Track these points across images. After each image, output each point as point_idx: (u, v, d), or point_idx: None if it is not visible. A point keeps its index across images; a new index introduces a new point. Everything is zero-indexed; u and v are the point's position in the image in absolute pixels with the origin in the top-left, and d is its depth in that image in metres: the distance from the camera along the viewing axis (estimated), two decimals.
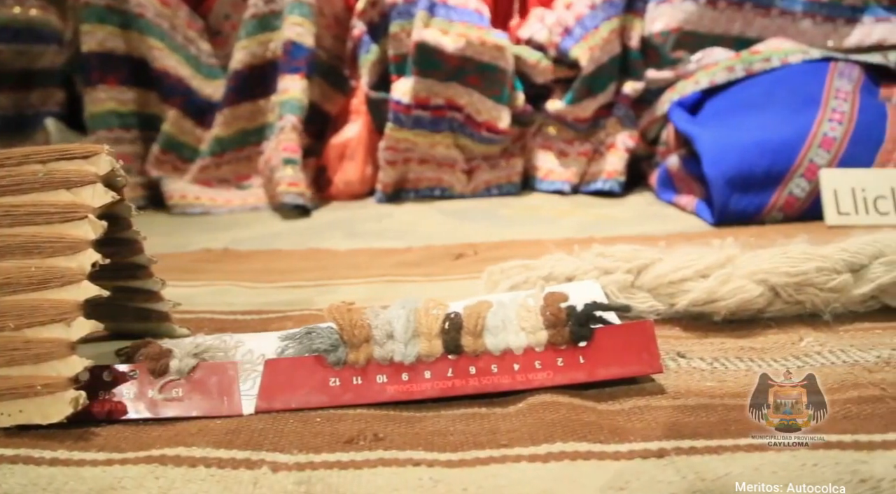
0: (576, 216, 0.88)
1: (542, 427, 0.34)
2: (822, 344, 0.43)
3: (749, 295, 0.46)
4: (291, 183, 0.91)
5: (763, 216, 0.76)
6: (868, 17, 0.99)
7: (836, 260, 0.47)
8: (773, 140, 0.77)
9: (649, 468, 0.31)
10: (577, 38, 0.96)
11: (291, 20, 0.96)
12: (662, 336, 0.46)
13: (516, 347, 0.39)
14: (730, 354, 0.43)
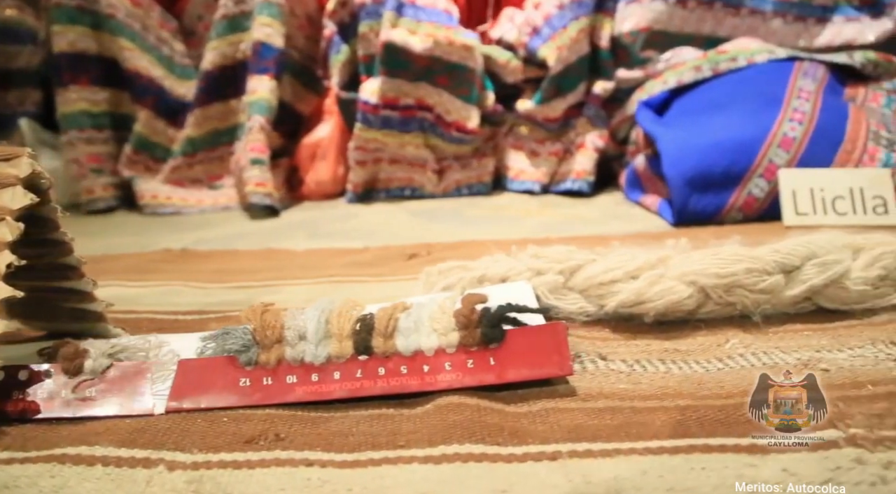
0: (542, 216, 0.87)
1: (443, 429, 0.34)
2: (746, 346, 0.43)
3: (677, 296, 0.46)
4: (259, 183, 0.91)
5: (723, 216, 0.76)
6: (838, 16, 0.99)
7: (768, 262, 0.47)
8: (732, 140, 0.76)
9: (538, 470, 0.31)
10: (546, 38, 0.96)
11: (261, 21, 0.96)
12: (590, 337, 0.46)
13: (427, 349, 0.39)
14: (653, 356, 0.43)
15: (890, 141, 0.77)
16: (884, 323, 0.47)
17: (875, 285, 0.48)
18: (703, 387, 0.38)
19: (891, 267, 0.49)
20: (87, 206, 1.00)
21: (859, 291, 0.47)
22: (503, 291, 0.48)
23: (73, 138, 0.98)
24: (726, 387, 0.38)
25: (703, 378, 0.39)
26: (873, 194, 0.74)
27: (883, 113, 0.84)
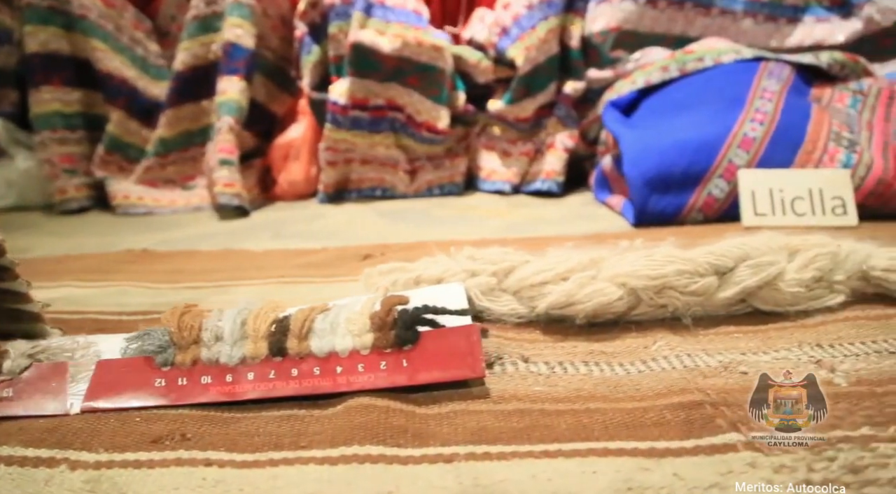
0: (508, 217, 0.87)
1: (348, 430, 0.34)
2: (672, 348, 0.43)
3: (607, 298, 0.45)
4: (227, 183, 0.91)
5: (683, 217, 0.75)
6: (809, 17, 0.98)
7: (700, 264, 0.47)
8: (693, 140, 0.76)
9: (430, 472, 0.31)
10: (514, 38, 0.96)
11: (231, 22, 0.96)
12: (518, 339, 0.46)
13: (341, 350, 0.39)
14: (577, 358, 0.43)
15: (851, 142, 0.77)
16: (816, 324, 0.46)
17: (809, 287, 0.48)
18: (618, 390, 0.38)
19: (825, 268, 0.49)
20: (60, 207, 1.00)
21: (793, 293, 0.47)
22: (435, 293, 0.48)
23: (45, 139, 0.98)
24: (642, 390, 0.38)
25: (622, 380, 0.39)
26: (832, 195, 0.73)
27: (848, 113, 0.83)
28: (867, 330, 0.45)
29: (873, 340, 0.43)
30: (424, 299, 0.47)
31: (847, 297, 0.49)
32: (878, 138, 0.79)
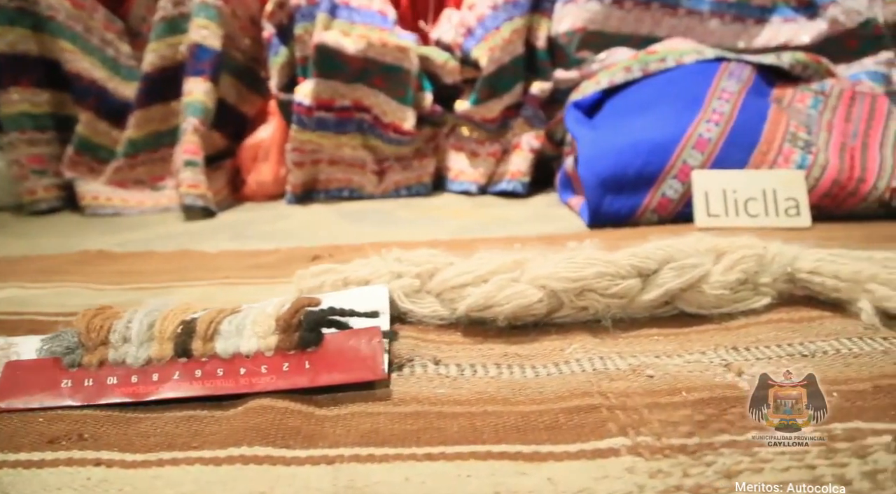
0: (468, 217, 0.87)
1: (242, 431, 0.34)
2: (586, 351, 0.43)
3: (526, 300, 0.45)
4: (191, 185, 0.92)
5: (637, 217, 0.75)
6: (776, 17, 0.98)
7: (623, 266, 0.47)
8: (648, 141, 0.76)
9: (310, 474, 0.31)
10: (479, 39, 0.96)
11: (197, 23, 0.97)
12: (437, 341, 0.46)
13: (246, 351, 0.39)
14: (490, 360, 0.43)
15: (807, 143, 0.76)
16: (738, 327, 0.46)
17: (734, 289, 0.48)
18: (521, 393, 0.38)
19: (750, 270, 0.48)
20: (29, 207, 1.01)
21: (716, 295, 0.47)
22: (359, 294, 0.49)
23: (14, 140, 0.99)
24: (545, 393, 0.38)
25: (528, 383, 0.39)
26: (786, 196, 0.73)
27: (808, 114, 0.83)
28: (787, 333, 0.45)
29: (789, 343, 0.43)
30: (347, 301, 0.48)
31: (773, 299, 0.49)
32: (837, 139, 0.79)
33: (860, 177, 0.74)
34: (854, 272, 0.46)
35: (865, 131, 0.81)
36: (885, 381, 0.37)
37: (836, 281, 0.47)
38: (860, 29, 0.95)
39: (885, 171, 0.75)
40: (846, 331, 0.44)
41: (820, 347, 0.42)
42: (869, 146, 0.79)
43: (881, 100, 0.85)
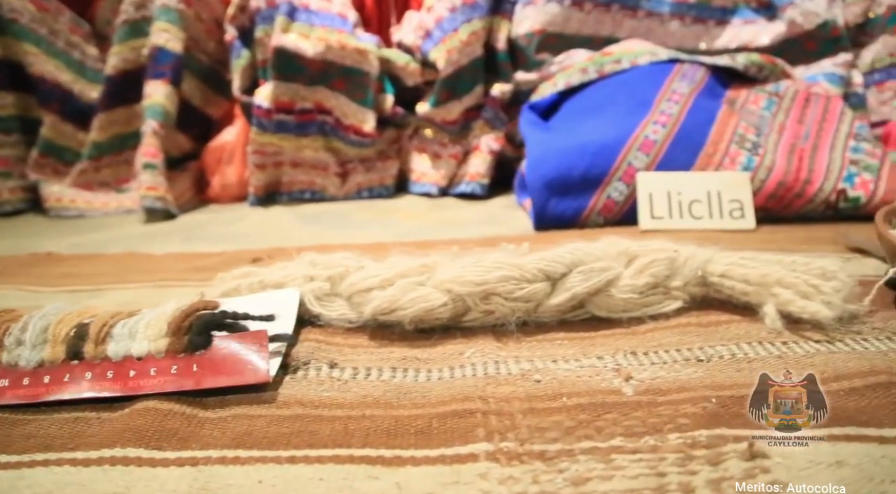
0: (422, 220, 0.87)
1: (120, 433, 0.35)
2: (484, 355, 0.43)
3: (430, 304, 0.45)
4: (150, 187, 0.92)
5: (583, 220, 0.75)
6: (737, 19, 0.97)
7: (529, 270, 0.46)
8: (594, 143, 0.75)
9: (170, 476, 0.31)
10: (436, 41, 0.96)
11: (158, 26, 0.97)
12: (340, 344, 0.46)
13: (137, 354, 0.39)
14: (388, 364, 0.43)
15: (755, 144, 0.76)
16: (646, 331, 0.46)
17: (643, 293, 0.48)
18: (405, 397, 0.38)
19: (660, 274, 0.48)
20: None
21: (625, 299, 0.47)
22: (270, 298, 0.49)
23: None
24: (429, 397, 0.38)
25: (415, 387, 0.39)
26: (731, 198, 0.73)
27: (761, 115, 0.82)
28: (690, 337, 0.44)
29: (689, 348, 0.43)
30: (259, 304, 0.48)
31: (685, 303, 0.49)
32: (787, 140, 0.78)
33: (806, 179, 0.74)
34: (761, 275, 0.46)
35: (817, 133, 0.81)
36: None
37: (745, 284, 0.47)
38: (818, 30, 0.95)
39: (833, 173, 0.75)
40: (749, 336, 0.44)
41: (718, 352, 0.42)
42: (819, 148, 0.78)
43: (835, 102, 0.85)
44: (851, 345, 0.41)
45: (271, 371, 0.39)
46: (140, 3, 0.99)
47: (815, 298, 0.44)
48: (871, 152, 0.78)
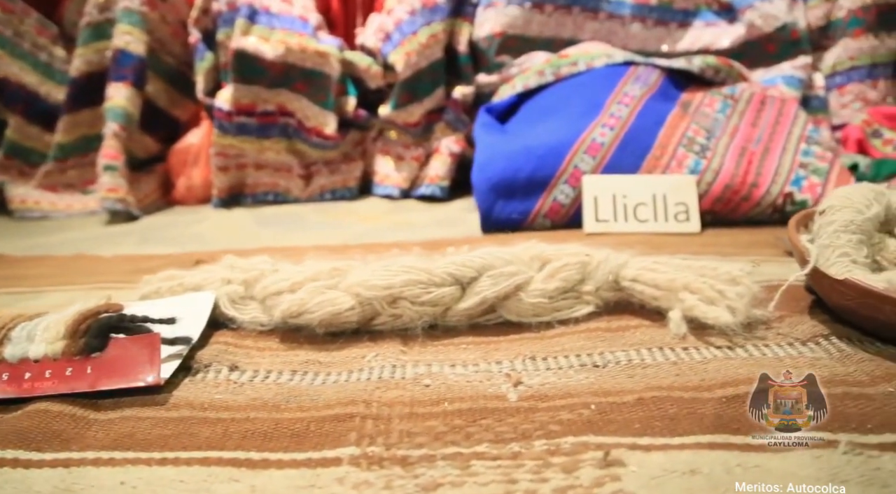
0: (376, 222, 0.87)
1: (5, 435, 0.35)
2: (385, 359, 0.43)
3: (337, 307, 0.46)
4: (110, 189, 0.93)
5: (529, 223, 0.75)
6: (699, 21, 0.97)
7: (437, 274, 0.47)
8: (541, 146, 0.75)
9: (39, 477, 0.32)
10: (396, 44, 0.96)
11: (121, 29, 0.98)
12: (248, 346, 0.46)
13: (34, 356, 0.39)
14: (289, 367, 0.43)
15: (703, 147, 0.76)
16: (553, 336, 0.46)
17: (553, 297, 0.47)
18: (294, 400, 0.38)
19: (571, 279, 0.48)
20: None
21: (534, 304, 0.47)
22: (186, 301, 0.49)
23: None
24: (317, 401, 0.38)
25: (309, 390, 0.39)
26: (676, 201, 0.73)
27: (715, 118, 0.82)
28: (594, 343, 0.44)
29: (589, 353, 0.43)
30: (174, 307, 0.48)
31: (598, 308, 0.49)
32: (738, 143, 0.78)
33: (753, 183, 0.73)
34: (669, 280, 0.46)
35: (770, 136, 0.80)
36: (651, 394, 0.37)
37: (655, 289, 0.47)
38: (777, 33, 0.94)
39: (781, 177, 0.74)
40: (652, 341, 0.44)
41: (616, 357, 0.42)
42: (770, 151, 0.78)
43: (789, 105, 0.84)
44: (750, 351, 0.41)
45: (165, 373, 0.40)
46: (103, 6, 1.00)
47: (720, 303, 0.44)
48: (821, 155, 0.78)
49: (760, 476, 0.29)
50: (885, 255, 0.47)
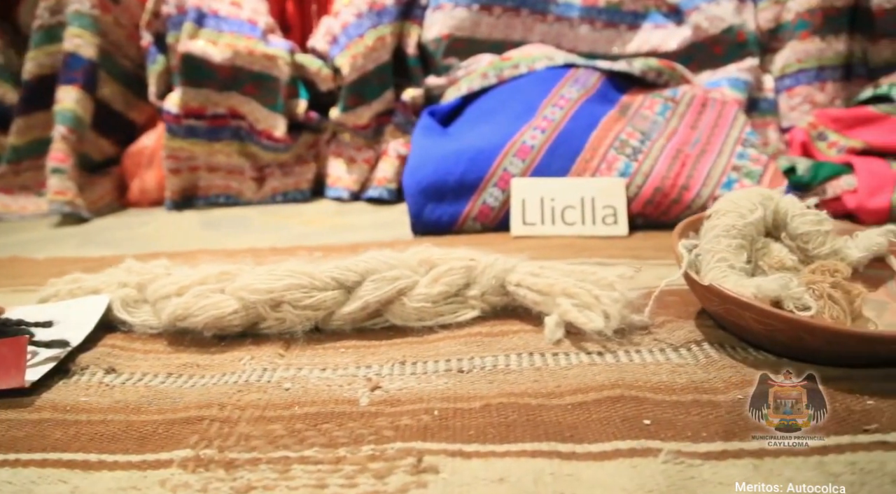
0: (317, 225, 0.88)
1: None
2: (258, 362, 0.43)
3: (221, 311, 0.46)
4: (58, 191, 0.93)
5: (459, 225, 0.75)
6: (648, 23, 0.97)
7: (321, 278, 0.47)
8: (471, 148, 0.75)
9: None
10: (342, 47, 0.96)
11: (71, 32, 0.98)
12: (135, 349, 0.47)
13: None
14: (165, 370, 0.43)
15: (636, 150, 0.76)
16: (434, 340, 0.46)
17: (437, 302, 0.48)
18: (155, 403, 0.39)
19: (455, 283, 0.48)
20: None
21: (416, 308, 0.47)
22: (79, 304, 0.50)
23: None
24: (178, 403, 0.39)
25: (175, 392, 0.40)
26: (604, 204, 0.72)
27: (654, 120, 0.82)
28: (471, 347, 0.44)
29: (459, 358, 0.43)
30: (67, 310, 0.49)
31: (484, 312, 0.49)
32: (674, 146, 0.78)
33: (684, 185, 0.73)
34: (548, 285, 0.46)
35: (708, 138, 0.80)
36: (500, 400, 0.37)
37: (537, 294, 0.47)
38: (724, 35, 0.94)
39: (712, 179, 0.74)
40: (527, 346, 0.44)
41: (484, 363, 0.42)
42: (706, 153, 0.78)
43: (729, 108, 0.84)
44: (619, 357, 0.41)
45: (35, 375, 0.40)
46: (55, 9, 1.01)
47: (596, 308, 0.44)
48: (756, 158, 0.77)
49: (569, 485, 0.29)
50: (768, 260, 0.47)
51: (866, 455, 0.31)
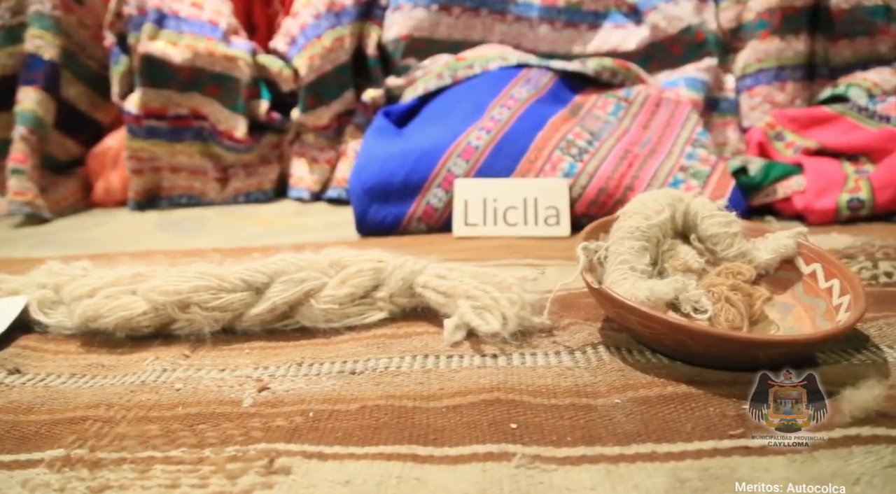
0: (272, 225, 0.88)
1: None
2: (160, 363, 0.44)
3: (130, 312, 0.47)
4: (17, 192, 0.94)
5: (403, 226, 0.75)
6: (609, 23, 0.97)
7: (230, 280, 0.47)
8: (416, 149, 0.76)
9: None
10: (300, 48, 0.96)
11: (32, 33, 0.99)
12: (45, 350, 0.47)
13: None
14: (69, 370, 0.44)
15: (581, 150, 0.76)
16: (339, 342, 0.47)
17: (344, 303, 0.48)
18: (49, 403, 0.39)
19: (362, 285, 0.49)
20: None
21: (323, 310, 0.47)
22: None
23: None
24: (70, 403, 0.39)
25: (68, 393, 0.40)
26: (547, 205, 0.73)
27: (606, 120, 0.82)
28: (371, 349, 0.45)
29: (356, 360, 0.43)
30: None
31: (392, 314, 0.49)
32: (622, 146, 0.78)
33: (629, 186, 0.73)
34: (451, 287, 0.46)
35: (659, 138, 0.80)
36: (377, 402, 0.37)
37: (442, 296, 0.47)
38: (682, 35, 0.94)
39: (658, 180, 0.74)
40: (426, 348, 0.45)
41: (377, 365, 0.42)
42: (656, 153, 0.78)
43: (682, 108, 0.84)
44: (512, 360, 0.42)
45: None
46: (16, 10, 1.02)
47: (495, 311, 0.44)
48: (704, 158, 0.77)
49: (412, 489, 0.29)
50: (673, 263, 0.47)
51: (721, 460, 0.31)
